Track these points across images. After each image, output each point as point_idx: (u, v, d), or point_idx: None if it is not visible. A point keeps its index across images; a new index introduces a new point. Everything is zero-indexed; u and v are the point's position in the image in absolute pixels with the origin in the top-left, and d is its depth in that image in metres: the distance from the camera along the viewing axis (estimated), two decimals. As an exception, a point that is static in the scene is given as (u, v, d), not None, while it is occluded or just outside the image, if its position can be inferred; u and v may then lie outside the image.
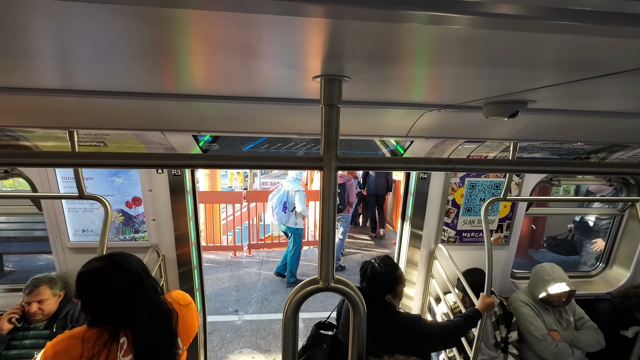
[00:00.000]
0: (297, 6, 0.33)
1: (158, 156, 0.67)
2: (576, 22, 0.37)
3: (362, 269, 1.79)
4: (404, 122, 1.38)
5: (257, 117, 1.31)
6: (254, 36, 0.43)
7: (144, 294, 1.16)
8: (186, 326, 1.29)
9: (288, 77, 0.71)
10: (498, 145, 2.09)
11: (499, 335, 2.20)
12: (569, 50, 0.48)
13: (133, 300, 1.13)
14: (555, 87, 0.73)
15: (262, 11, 0.34)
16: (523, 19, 0.37)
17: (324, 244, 0.72)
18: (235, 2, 0.33)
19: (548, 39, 0.43)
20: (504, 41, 0.45)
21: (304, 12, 0.34)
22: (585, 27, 0.38)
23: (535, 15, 0.36)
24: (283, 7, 0.34)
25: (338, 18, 0.36)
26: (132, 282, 1.14)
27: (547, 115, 1.24)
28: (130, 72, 0.72)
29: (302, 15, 0.35)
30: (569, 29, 0.39)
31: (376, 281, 1.71)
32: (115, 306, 1.11)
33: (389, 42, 0.46)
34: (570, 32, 0.39)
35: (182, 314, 1.27)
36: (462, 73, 0.65)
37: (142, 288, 1.16)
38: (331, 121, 0.67)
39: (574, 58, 0.53)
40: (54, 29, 0.44)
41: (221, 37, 0.44)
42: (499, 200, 1.91)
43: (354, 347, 0.82)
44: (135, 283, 1.15)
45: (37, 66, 0.67)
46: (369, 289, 1.71)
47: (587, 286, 2.93)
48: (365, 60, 0.58)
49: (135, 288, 1.14)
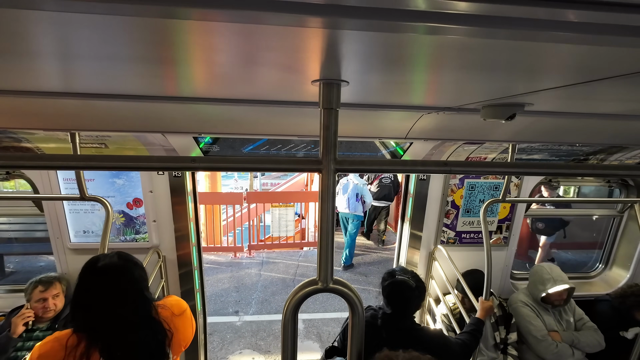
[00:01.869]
0: (298, 18, 0.34)
1: (159, 159, 0.68)
2: (572, 32, 0.38)
3: (392, 291, 1.51)
4: (403, 124, 1.39)
5: (257, 119, 1.32)
6: (255, 44, 0.44)
7: (133, 306, 1.13)
8: (178, 336, 1.26)
9: (287, 81, 0.72)
10: (497, 146, 2.10)
11: (498, 336, 2.20)
12: (565, 56, 0.49)
13: (121, 311, 1.10)
14: (552, 90, 0.74)
15: (264, 22, 0.35)
16: (520, 29, 0.37)
17: (323, 246, 0.73)
18: (236, 14, 0.33)
19: (544, 46, 0.43)
20: (500, 48, 0.46)
21: (303, 23, 0.35)
22: (581, 37, 0.39)
23: (532, 26, 0.37)
24: (283, 18, 0.34)
25: (336, 28, 0.36)
26: (127, 287, 1.13)
27: (544, 118, 1.25)
28: (132, 76, 0.73)
29: (302, 26, 0.36)
30: (565, 39, 0.40)
31: (412, 298, 1.50)
32: (102, 311, 1.08)
33: (387, 49, 0.47)
34: (566, 41, 0.40)
35: (174, 323, 1.25)
36: (460, 77, 0.66)
37: (132, 299, 1.13)
38: (330, 124, 0.68)
39: (569, 64, 0.54)
40: (59, 36, 0.45)
41: (222, 44, 0.45)
42: (497, 201, 1.92)
43: (353, 346, 0.83)
44: (129, 291, 1.13)
45: (40, 70, 0.68)
46: (403, 309, 1.49)
47: (586, 287, 2.93)
48: (363, 66, 0.60)
49: (126, 298, 1.12)
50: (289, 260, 5.48)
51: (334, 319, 3.81)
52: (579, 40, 0.40)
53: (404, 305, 1.50)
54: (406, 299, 1.49)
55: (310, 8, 0.33)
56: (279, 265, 5.28)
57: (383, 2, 0.32)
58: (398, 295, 1.50)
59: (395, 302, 1.50)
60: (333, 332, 3.59)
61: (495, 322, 2.27)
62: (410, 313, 1.53)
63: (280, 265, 5.30)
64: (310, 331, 3.59)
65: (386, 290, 1.53)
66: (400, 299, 1.50)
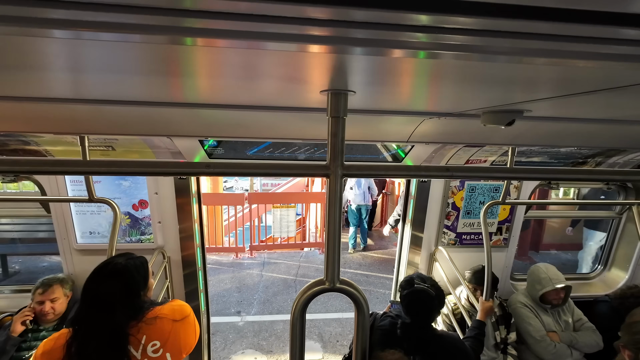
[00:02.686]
0: (304, 41, 0.36)
1: (175, 164, 0.72)
2: (569, 48, 0.40)
3: (412, 300, 1.45)
4: (405, 128, 1.43)
5: (262, 123, 1.35)
6: (263, 61, 0.48)
7: (116, 315, 1.14)
8: (178, 341, 1.25)
9: (295, 90, 0.75)
10: (497, 149, 2.13)
11: (498, 336, 2.23)
12: (563, 69, 0.53)
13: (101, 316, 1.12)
14: (550, 99, 0.77)
15: (271, 47, 0.37)
16: (518, 49, 0.40)
17: (330, 247, 0.76)
18: (244, 43, 0.35)
19: (542, 61, 0.46)
20: (498, 64, 0.49)
21: (310, 48, 0.38)
22: (578, 53, 0.41)
23: (529, 47, 0.40)
24: (290, 39, 0.36)
25: (343, 53, 0.39)
26: (121, 291, 1.16)
27: (543, 122, 1.28)
28: (140, 86, 0.76)
29: (309, 50, 0.38)
30: (562, 55, 0.42)
31: (433, 308, 1.45)
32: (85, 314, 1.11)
33: (392, 64, 0.51)
34: (564, 57, 0.43)
35: (174, 329, 1.25)
36: (460, 88, 0.70)
37: (122, 307, 1.15)
38: (337, 132, 0.72)
39: (568, 76, 0.57)
40: (70, 55, 0.47)
41: (229, 61, 0.48)
42: (497, 203, 1.95)
43: (358, 345, 0.86)
44: (122, 295, 1.16)
45: (52, 80, 0.71)
46: (424, 319, 1.45)
47: (585, 288, 2.96)
48: (370, 77, 0.63)
49: (117, 303, 1.14)
50: (290, 260, 5.51)
51: (335, 319, 3.84)
52: (579, 55, 0.42)
53: (424, 315, 1.45)
54: (428, 309, 1.44)
55: (318, 39, 0.35)
56: (280, 266, 5.31)
57: (386, 35, 0.35)
58: (418, 305, 1.44)
59: (415, 312, 1.44)
60: (335, 332, 3.62)
61: (495, 322, 2.30)
62: (430, 323, 1.48)
63: (281, 265, 5.33)
64: (312, 331, 3.62)
65: (406, 299, 1.47)
66: (421, 309, 1.44)
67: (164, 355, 1.24)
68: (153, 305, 1.30)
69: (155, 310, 1.27)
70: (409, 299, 1.47)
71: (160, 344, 1.23)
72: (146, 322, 1.23)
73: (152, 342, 1.22)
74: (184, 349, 1.29)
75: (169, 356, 1.24)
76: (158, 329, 1.24)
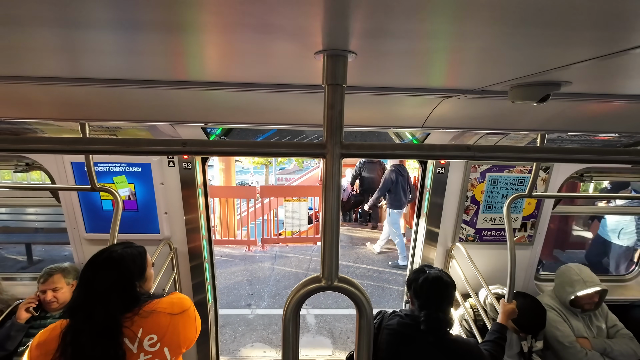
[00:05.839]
0: None
1: (148, 142, 0.63)
2: None
3: (430, 287, 1.39)
4: (420, 110, 1.29)
5: (264, 107, 1.26)
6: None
7: (108, 306, 1.11)
8: (177, 336, 1.22)
9: (289, 53, 0.64)
10: (523, 137, 1.94)
11: (525, 345, 2.03)
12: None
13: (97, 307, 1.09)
14: (594, 62, 0.62)
15: None
16: None
17: (327, 239, 0.65)
18: None
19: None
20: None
21: None
22: None
23: None
24: None
25: None
26: (114, 284, 1.13)
27: (580, 102, 1.11)
28: (139, 55, 0.68)
29: None
30: None
31: (451, 297, 1.41)
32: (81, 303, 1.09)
33: (402, 12, 0.39)
34: None
35: (173, 323, 1.21)
36: (488, 45, 0.57)
37: (114, 297, 1.12)
38: (335, 102, 0.60)
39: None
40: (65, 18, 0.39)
41: None
42: (523, 196, 1.77)
43: (361, 350, 0.76)
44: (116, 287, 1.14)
45: (44, 46, 0.64)
46: (445, 307, 1.40)
47: (620, 291, 2.71)
48: (374, 32, 0.51)
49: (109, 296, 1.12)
50: (302, 254, 5.46)
51: (346, 315, 3.75)
52: None
53: (445, 302, 1.39)
54: (448, 294, 1.39)
55: None
56: (292, 260, 5.27)
57: None
58: (439, 288, 1.38)
59: (434, 298, 1.38)
60: (345, 328, 3.53)
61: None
62: (449, 311, 1.42)
63: (293, 259, 5.29)
64: (322, 327, 3.55)
65: (423, 287, 1.39)
66: (443, 291, 1.39)
67: (162, 350, 1.19)
68: (151, 298, 1.26)
69: (153, 303, 1.23)
70: (427, 286, 1.39)
71: (158, 337, 1.18)
72: (142, 315, 1.18)
73: (149, 336, 1.18)
74: (183, 343, 1.24)
75: (166, 350, 1.19)
76: (155, 322, 1.19)
